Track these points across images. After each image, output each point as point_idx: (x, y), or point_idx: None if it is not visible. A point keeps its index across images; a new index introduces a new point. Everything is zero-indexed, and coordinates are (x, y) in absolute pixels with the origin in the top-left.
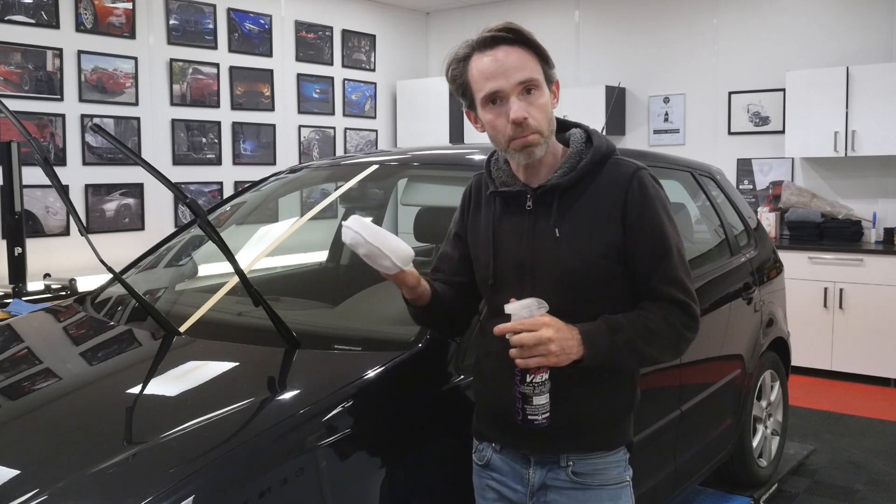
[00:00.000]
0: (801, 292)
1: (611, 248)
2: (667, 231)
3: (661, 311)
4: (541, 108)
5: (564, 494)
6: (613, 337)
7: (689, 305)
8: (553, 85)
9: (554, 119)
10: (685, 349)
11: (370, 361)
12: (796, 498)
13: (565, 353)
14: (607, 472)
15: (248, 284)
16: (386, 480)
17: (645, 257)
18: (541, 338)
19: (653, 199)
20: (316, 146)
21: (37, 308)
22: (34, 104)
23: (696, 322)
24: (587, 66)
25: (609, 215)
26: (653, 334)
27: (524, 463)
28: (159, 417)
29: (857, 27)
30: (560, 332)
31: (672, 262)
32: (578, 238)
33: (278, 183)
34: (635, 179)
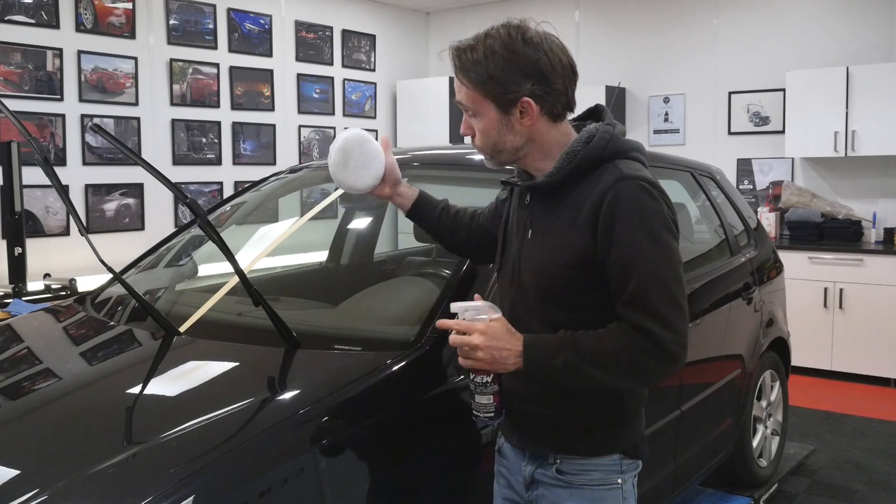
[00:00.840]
0: (801, 292)
1: (579, 259)
2: (641, 249)
3: (620, 336)
4: (479, 130)
5: (550, 490)
6: (555, 357)
7: (653, 333)
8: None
9: (506, 141)
10: (656, 377)
11: (370, 361)
12: (796, 498)
13: (497, 362)
14: (593, 473)
15: (248, 284)
16: (386, 480)
17: (613, 277)
18: (468, 342)
19: (626, 212)
20: (316, 146)
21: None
22: (34, 104)
23: (663, 351)
24: (587, 66)
25: (583, 224)
26: (605, 359)
27: (522, 455)
28: (159, 417)
29: (857, 27)
30: (494, 340)
31: (642, 284)
32: (552, 242)
33: (278, 183)
34: (612, 191)
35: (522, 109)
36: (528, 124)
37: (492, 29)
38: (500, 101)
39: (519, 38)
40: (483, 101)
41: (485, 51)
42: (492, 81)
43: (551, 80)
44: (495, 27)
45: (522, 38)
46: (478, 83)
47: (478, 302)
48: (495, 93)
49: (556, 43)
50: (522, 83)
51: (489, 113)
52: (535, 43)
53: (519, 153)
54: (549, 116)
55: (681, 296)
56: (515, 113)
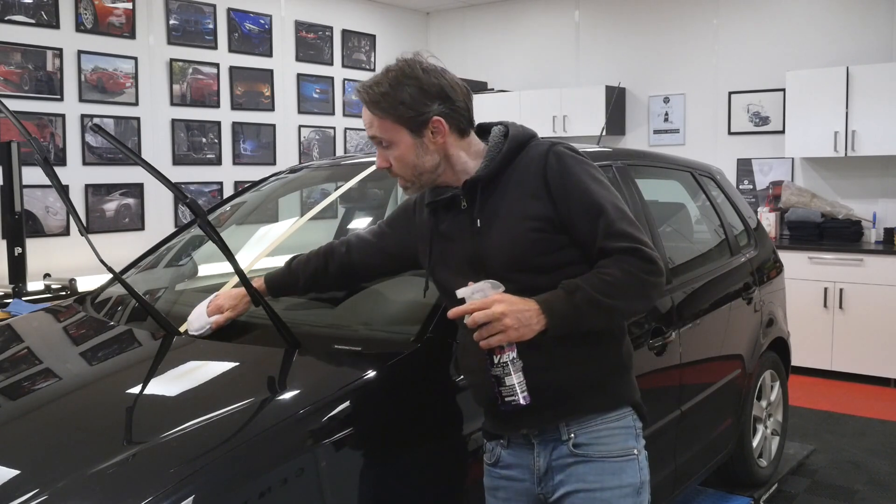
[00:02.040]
0: (801, 292)
1: (542, 221)
2: (594, 192)
3: (615, 263)
4: (397, 158)
5: (567, 473)
6: (572, 299)
7: (640, 250)
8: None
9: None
10: (656, 294)
11: (370, 361)
12: (796, 498)
13: (524, 325)
14: (610, 441)
15: (248, 284)
16: (386, 480)
17: (581, 223)
18: (493, 314)
19: (572, 167)
20: (316, 146)
21: (37, 308)
22: (34, 104)
23: (653, 264)
24: (587, 66)
25: (534, 193)
26: (613, 286)
27: (529, 450)
28: (159, 417)
29: (857, 27)
30: (514, 304)
31: (609, 217)
32: (508, 219)
33: (278, 183)
34: (551, 154)
35: (434, 129)
36: (441, 142)
37: (391, 65)
38: (413, 124)
39: (418, 66)
40: (396, 128)
41: (390, 82)
42: (402, 107)
43: (454, 98)
44: (392, 64)
45: (420, 67)
46: (389, 111)
47: (480, 283)
48: (407, 117)
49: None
50: (430, 103)
51: (404, 139)
52: (432, 70)
53: (437, 171)
54: (457, 133)
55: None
56: (428, 133)
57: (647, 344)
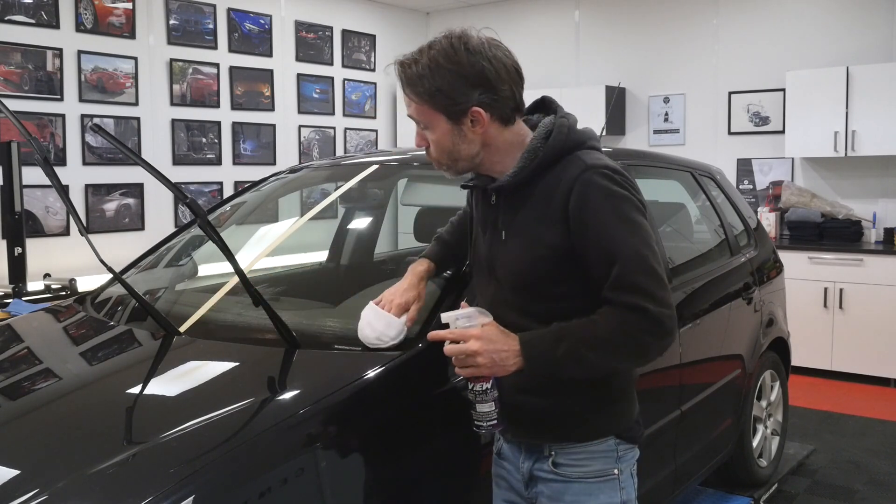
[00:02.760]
0: (801, 292)
1: (555, 251)
2: (613, 236)
3: (615, 318)
4: (433, 142)
5: (547, 486)
6: (555, 347)
7: (648, 310)
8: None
9: (461, 150)
10: (654, 354)
11: (370, 361)
12: (796, 498)
13: (498, 364)
14: (588, 464)
15: (248, 284)
16: (386, 480)
17: (594, 265)
18: (465, 350)
19: (597, 202)
20: (316, 146)
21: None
22: (34, 104)
23: (658, 325)
24: (587, 66)
25: (554, 218)
26: (603, 342)
27: (518, 451)
28: (159, 417)
29: (857, 27)
30: (491, 343)
31: (626, 267)
32: (524, 238)
33: (278, 183)
34: (579, 183)
35: (473, 118)
36: (480, 132)
37: (434, 41)
38: (450, 112)
39: (462, 47)
40: (433, 113)
41: (429, 64)
42: (439, 94)
43: (497, 86)
44: (437, 38)
45: (465, 48)
46: (426, 97)
47: (467, 309)
48: (444, 104)
49: (499, 48)
50: (470, 93)
51: (441, 124)
52: (478, 51)
53: (476, 159)
54: (499, 121)
55: (662, 272)
56: (466, 122)
57: None
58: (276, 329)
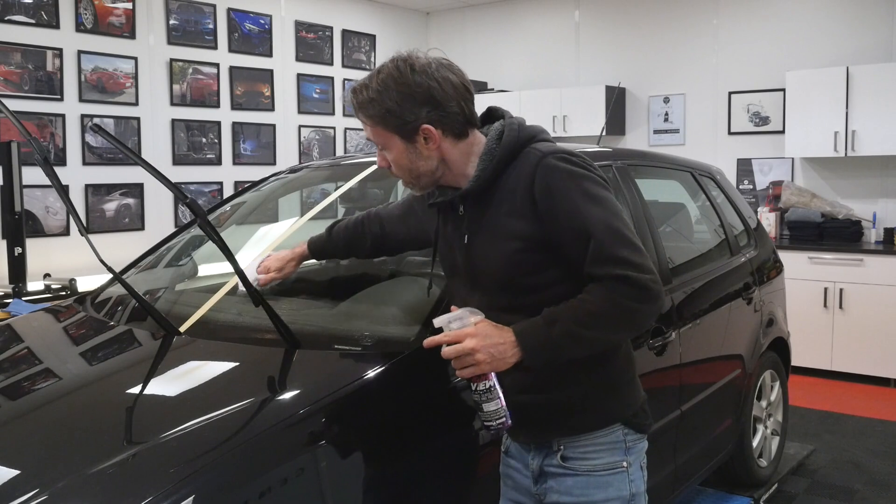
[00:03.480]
0: (801, 292)
1: (529, 241)
2: (584, 213)
3: (602, 291)
4: (393, 163)
5: (557, 481)
6: (549, 331)
7: (630, 277)
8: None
9: (419, 166)
10: (645, 321)
11: (370, 361)
12: (796, 498)
13: (497, 358)
14: (597, 457)
15: (248, 284)
16: (386, 480)
17: (569, 246)
18: (462, 349)
19: (561, 183)
20: (316, 146)
21: (37, 308)
22: (34, 104)
23: (645, 291)
24: (587, 66)
25: (522, 209)
26: (595, 317)
27: (527, 449)
28: (159, 417)
29: (857, 27)
30: (486, 339)
31: (599, 241)
32: (496, 236)
33: (278, 183)
34: (540, 167)
35: (425, 136)
36: (434, 148)
37: (383, 65)
38: (402, 131)
39: (407, 69)
40: (387, 134)
41: (378, 87)
42: (389, 115)
43: (445, 103)
44: (385, 63)
45: (411, 69)
46: (377, 119)
47: (459, 311)
48: (395, 125)
49: (447, 68)
50: (418, 111)
51: (396, 144)
52: (423, 71)
53: (436, 174)
54: (452, 136)
55: (637, 240)
56: (419, 139)
57: (647, 344)
58: (276, 329)
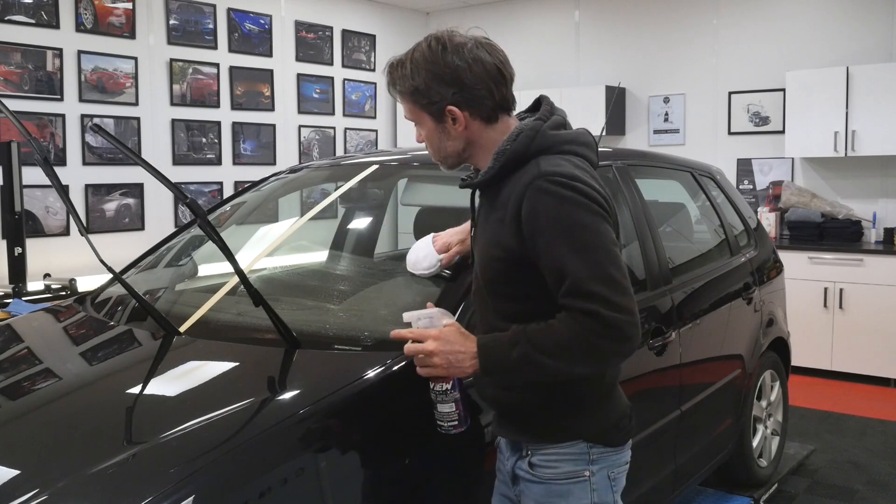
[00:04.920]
0: (801, 292)
1: (507, 253)
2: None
3: (571, 323)
4: (425, 139)
5: (526, 486)
6: (510, 351)
7: (600, 315)
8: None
9: (447, 146)
10: (612, 359)
11: (370, 361)
12: (796, 498)
13: (454, 366)
14: (559, 465)
15: (248, 284)
16: (386, 480)
17: (548, 273)
18: (422, 349)
19: (547, 211)
20: (316, 146)
21: (37, 308)
22: (34, 104)
23: (613, 329)
24: (587, 66)
25: (510, 223)
26: (559, 346)
27: (507, 448)
28: (159, 417)
29: (857, 27)
30: (447, 344)
31: (579, 276)
32: (486, 238)
33: (278, 183)
34: (530, 191)
35: (453, 117)
36: (461, 129)
37: (418, 43)
38: (430, 110)
39: (439, 48)
40: (418, 112)
41: (411, 65)
42: (417, 93)
43: (472, 86)
44: (421, 41)
45: (443, 48)
46: (408, 96)
47: (431, 309)
48: (423, 104)
49: (484, 47)
50: (444, 92)
51: (427, 122)
52: (457, 51)
53: (463, 155)
54: (481, 120)
55: (620, 276)
56: (448, 120)
57: (647, 344)
58: (276, 329)
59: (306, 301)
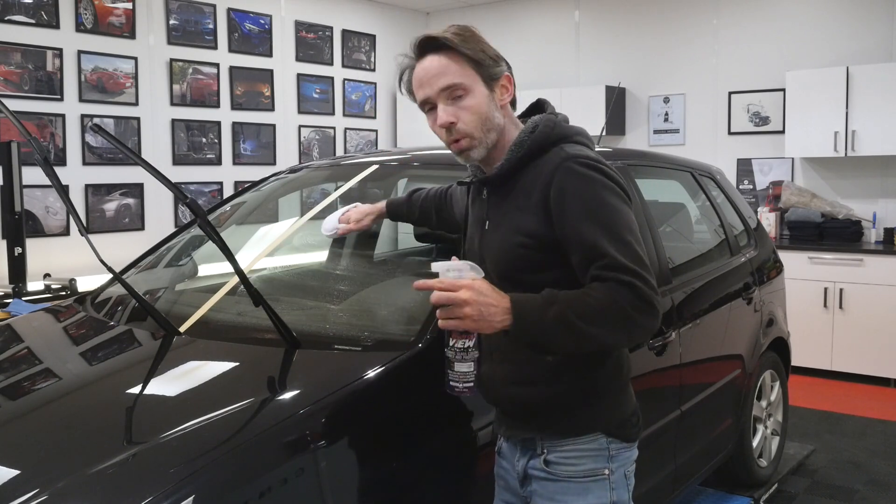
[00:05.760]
0: (801, 292)
1: (534, 239)
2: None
3: (607, 291)
4: (470, 110)
5: (540, 485)
6: (545, 310)
7: (637, 287)
8: (499, 81)
9: (494, 117)
10: (641, 335)
11: (370, 361)
12: (796, 498)
13: (485, 319)
14: (578, 463)
15: (248, 284)
16: (385, 480)
17: (576, 251)
18: (455, 299)
19: (577, 189)
20: (316, 146)
21: (37, 308)
22: (34, 104)
23: (648, 304)
24: (587, 66)
25: (535, 207)
26: (594, 311)
27: (515, 450)
28: (159, 417)
29: (857, 27)
30: (482, 296)
31: (609, 253)
32: (505, 227)
33: (278, 183)
34: (560, 169)
35: (504, 85)
36: (505, 104)
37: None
38: (489, 75)
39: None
40: (474, 75)
41: (462, 33)
42: (483, 55)
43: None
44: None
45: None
46: (471, 56)
47: (460, 262)
48: (487, 65)
49: None
50: (500, 62)
51: (480, 90)
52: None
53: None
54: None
55: (645, 256)
56: (497, 90)
57: (647, 344)
58: (276, 329)
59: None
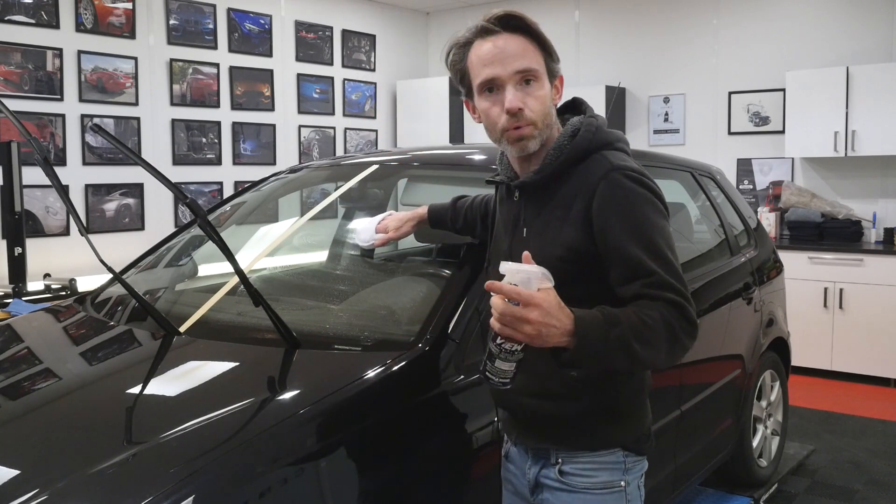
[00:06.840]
0: (801, 292)
1: (571, 252)
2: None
3: (657, 311)
4: (539, 99)
5: (553, 494)
6: (608, 333)
7: (685, 308)
8: (556, 80)
9: (552, 113)
10: (681, 356)
11: (370, 361)
12: (796, 498)
13: (542, 338)
14: (594, 475)
15: (248, 284)
16: (386, 481)
17: (618, 268)
18: (521, 316)
19: (623, 203)
20: (316, 146)
21: (37, 308)
22: (34, 104)
23: (693, 326)
24: (587, 66)
25: (576, 218)
26: (651, 334)
27: (526, 456)
28: (159, 417)
29: (857, 27)
30: (547, 317)
31: (656, 271)
32: (543, 238)
33: (278, 183)
34: (604, 182)
35: (557, 86)
36: (556, 103)
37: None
38: (552, 70)
39: None
40: (545, 68)
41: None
42: (553, 49)
43: None
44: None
45: None
46: (545, 46)
47: (532, 266)
48: (554, 60)
49: None
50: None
51: (546, 82)
52: None
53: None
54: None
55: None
56: (554, 87)
57: None
58: (276, 329)
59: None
